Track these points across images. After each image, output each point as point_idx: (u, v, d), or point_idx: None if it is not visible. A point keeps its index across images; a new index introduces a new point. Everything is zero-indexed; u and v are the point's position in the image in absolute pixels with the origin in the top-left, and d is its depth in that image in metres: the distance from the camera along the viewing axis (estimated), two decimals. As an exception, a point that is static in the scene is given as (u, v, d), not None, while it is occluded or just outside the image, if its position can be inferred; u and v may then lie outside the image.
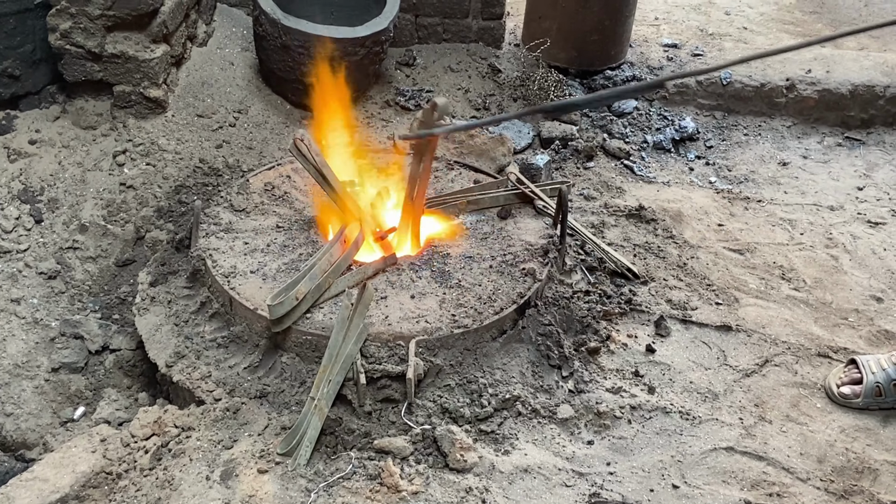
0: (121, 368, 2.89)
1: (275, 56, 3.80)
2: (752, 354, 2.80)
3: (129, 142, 3.49)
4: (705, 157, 4.20)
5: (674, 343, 2.83)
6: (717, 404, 2.58)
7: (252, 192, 3.02)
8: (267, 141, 3.78)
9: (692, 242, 3.38)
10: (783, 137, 4.37)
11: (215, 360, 2.51)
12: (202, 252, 2.69)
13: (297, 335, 2.42)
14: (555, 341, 2.58)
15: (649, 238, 3.37)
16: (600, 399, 2.52)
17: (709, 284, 3.14)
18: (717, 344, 2.84)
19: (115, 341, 2.93)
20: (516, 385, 2.47)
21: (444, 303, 2.52)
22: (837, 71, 4.52)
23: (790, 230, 3.57)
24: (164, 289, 2.80)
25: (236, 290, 2.55)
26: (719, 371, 2.72)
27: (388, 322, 2.42)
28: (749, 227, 3.56)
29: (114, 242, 3.24)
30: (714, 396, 2.61)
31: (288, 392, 2.40)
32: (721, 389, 2.64)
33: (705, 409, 2.56)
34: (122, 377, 2.88)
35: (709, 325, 2.91)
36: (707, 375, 2.70)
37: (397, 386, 2.34)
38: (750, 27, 5.28)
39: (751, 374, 2.72)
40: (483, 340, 2.47)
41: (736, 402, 2.60)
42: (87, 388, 2.85)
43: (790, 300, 3.10)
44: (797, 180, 4.01)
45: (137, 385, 2.87)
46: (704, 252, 3.33)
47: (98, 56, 3.43)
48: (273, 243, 2.77)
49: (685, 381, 2.66)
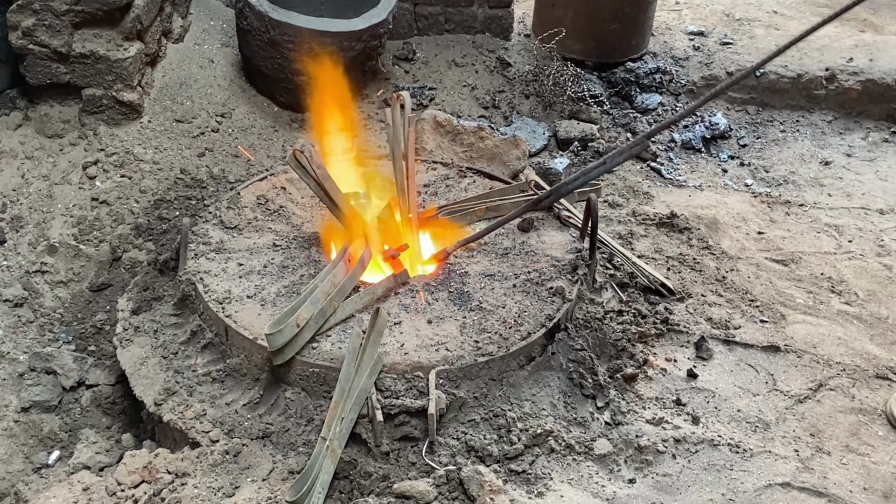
0: (99, 406, 2.88)
1: (261, 53, 3.82)
2: (804, 378, 2.83)
3: (101, 151, 3.50)
4: (739, 157, 4.24)
5: (717, 366, 2.85)
6: (770, 434, 2.61)
7: (244, 206, 3.03)
8: (254, 147, 3.79)
9: (731, 253, 3.42)
10: (824, 133, 4.42)
11: (210, 397, 2.51)
12: (191, 275, 2.70)
13: (303, 367, 2.43)
14: (588, 368, 2.60)
15: (683, 249, 3.41)
16: (640, 431, 2.54)
17: (752, 300, 3.17)
18: (765, 366, 2.87)
19: (91, 376, 2.93)
20: (547, 418, 2.48)
21: (465, 328, 2.54)
22: (882, 59, 4.58)
23: (837, 237, 3.61)
24: (148, 317, 2.80)
25: (232, 317, 2.55)
26: (769, 397, 2.75)
27: (405, 351, 2.44)
28: (792, 235, 3.59)
29: (87, 265, 3.24)
30: (765, 426, 2.63)
31: (294, 431, 2.40)
32: (772, 418, 2.66)
33: (756, 440, 2.58)
34: (100, 416, 2.88)
35: (754, 346, 2.94)
36: (756, 402, 2.72)
37: (417, 422, 2.35)
38: (781, 10, 5.35)
39: (804, 400, 2.74)
40: (510, 369, 2.49)
41: (790, 431, 2.62)
42: (62, 429, 2.85)
43: (842, 316, 3.13)
44: (842, 181, 4.06)
45: (119, 425, 2.86)
46: (745, 264, 3.37)
47: (65, 56, 3.45)
48: (271, 264, 2.78)
49: (732, 410, 2.69)
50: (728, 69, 4.55)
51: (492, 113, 4.28)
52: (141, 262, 3.19)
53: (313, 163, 2.65)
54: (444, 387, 2.37)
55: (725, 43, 4.80)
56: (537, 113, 4.33)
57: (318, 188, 2.69)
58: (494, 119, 4.26)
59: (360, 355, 2.33)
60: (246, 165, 3.68)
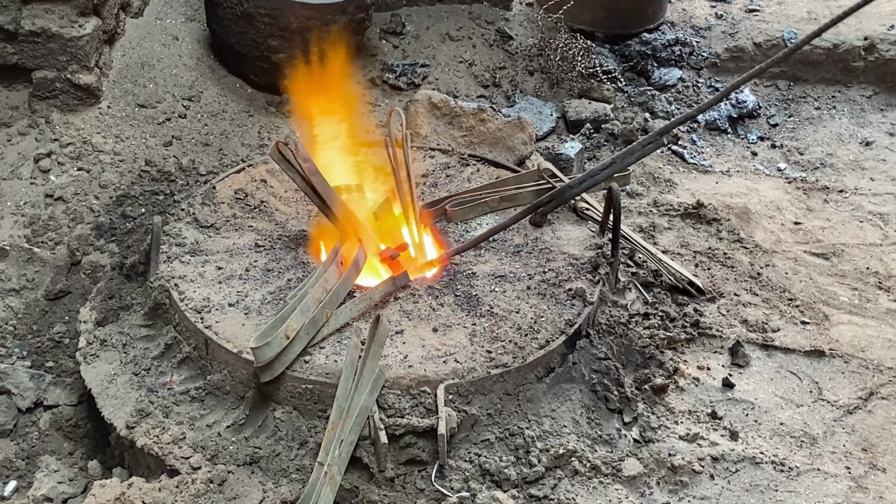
0: (60, 430, 2.87)
1: (233, 27, 3.81)
2: (853, 386, 2.84)
3: (55, 142, 3.51)
4: (770, 139, 4.25)
5: (755, 374, 2.86)
6: (817, 450, 2.61)
7: (220, 202, 3.02)
8: (227, 135, 3.78)
9: (765, 247, 3.42)
10: (863, 110, 4.44)
11: (189, 418, 2.50)
12: (164, 281, 2.68)
13: (294, 384, 2.41)
14: (613, 379, 2.60)
15: (712, 243, 3.41)
16: (673, 449, 2.54)
17: (790, 299, 3.17)
18: (809, 374, 2.88)
19: (50, 395, 2.91)
20: (570, 436, 2.48)
21: (475, 336, 2.53)
22: (925, 27, 4.60)
23: (882, 227, 3.62)
24: (115, 328, 2.78)
25: (212, 328, 2.54)
26: (814, 408, 2.75)
27: (409, 363, 2.43)
28: (832, 225, 3.60)
29: (42, 269, 3.23)
30: (812, 440, 2.64)
31: (286, 456, 2.39)
32: (819, 431, 2.67)
33: (803, 456, 2.58)
34: (61, 441, 2.87)
35: (796, 351, 2.95)
36: (800, 414, 2.73)
37: (425, 444, 2.35)
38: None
39: (854, 411, 2.75)
40: (526, 382, 2.49)
41: (839, 446, 2.62)
42: (19, 455, 2.83)
43: (892, 315, 3.14)
44: (885, 164, 4.08)
45: (83, 450, 2.85)
46: (781, 258, 3.37)
47: (12, 35, 3.45)
48: (253, 267, 2.77)
49: (774, 423, 2.69)
50: (755, 39, 4.57)
51: (492, 92, 4.27)
52: (104, 266, 3.17)
53: (299, 156, 2.63)
54: (455, 403, 2.37)
55: (751, 10, 4.82)
56: (543, 92, 4.33)
57: (304, 184, 2.68)
58: (495, 99, 4.27)
59: (358, 369, 2.32)
60: (219, 155, 3.66)
